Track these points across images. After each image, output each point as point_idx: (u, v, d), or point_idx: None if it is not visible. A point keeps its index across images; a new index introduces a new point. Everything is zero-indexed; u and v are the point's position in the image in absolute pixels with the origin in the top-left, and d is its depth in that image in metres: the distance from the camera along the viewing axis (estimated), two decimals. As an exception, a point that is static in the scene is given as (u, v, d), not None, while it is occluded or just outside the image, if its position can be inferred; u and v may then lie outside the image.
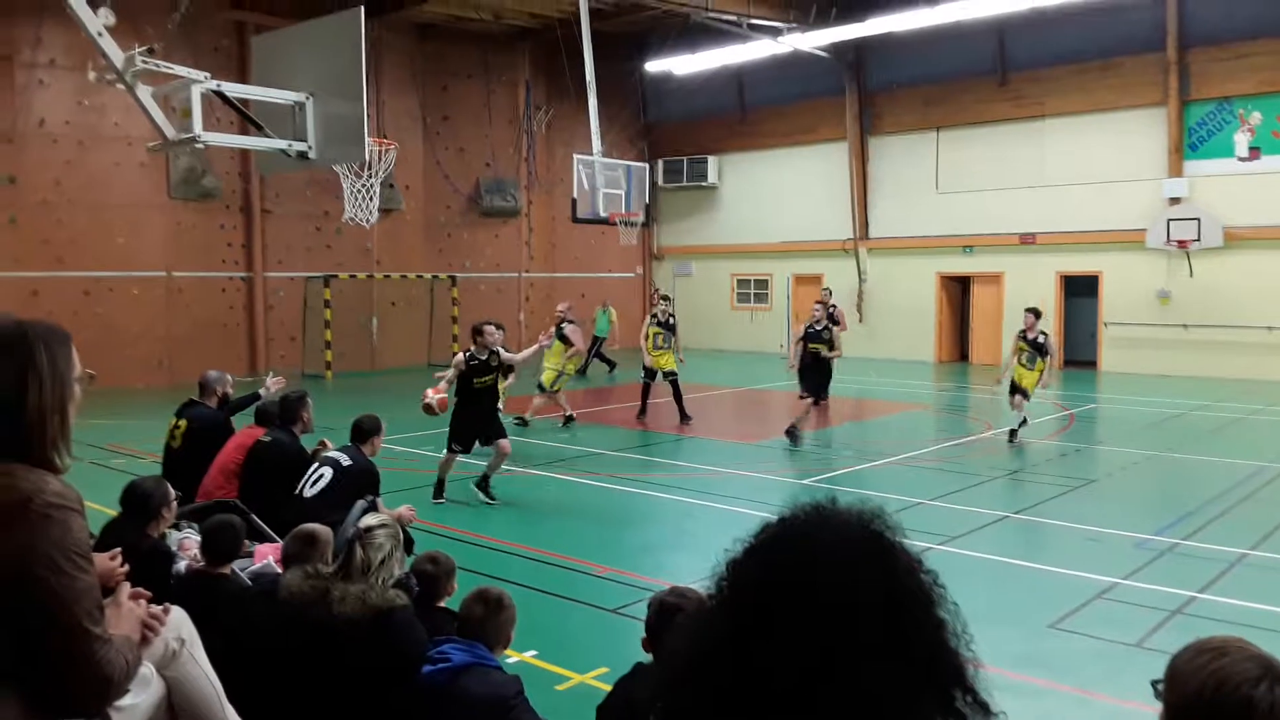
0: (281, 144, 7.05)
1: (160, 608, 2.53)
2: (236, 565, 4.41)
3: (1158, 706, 1.63)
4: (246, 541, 4.53)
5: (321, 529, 4.01)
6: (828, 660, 1.22)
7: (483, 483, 9.54)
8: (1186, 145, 19.76)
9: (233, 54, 19.54)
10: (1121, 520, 8.48)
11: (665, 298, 15.66)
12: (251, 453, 6.29)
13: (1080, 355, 21.57)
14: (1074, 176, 20.98)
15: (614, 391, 18.72)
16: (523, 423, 13.67)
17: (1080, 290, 21.49)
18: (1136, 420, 14.45)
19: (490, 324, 9.62)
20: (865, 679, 1.22)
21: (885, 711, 1.22)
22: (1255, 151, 19.08)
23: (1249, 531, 8.25)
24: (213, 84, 6.79)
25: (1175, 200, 19.66)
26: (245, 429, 6.67)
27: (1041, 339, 12.36)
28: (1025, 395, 12.36)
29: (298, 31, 7.73)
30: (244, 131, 8.31)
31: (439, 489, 9.59)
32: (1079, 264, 21.20)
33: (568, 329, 14.03)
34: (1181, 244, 19.29)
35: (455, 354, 9.88)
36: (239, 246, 20.66)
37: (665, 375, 14.31)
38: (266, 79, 7.38)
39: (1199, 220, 19.11)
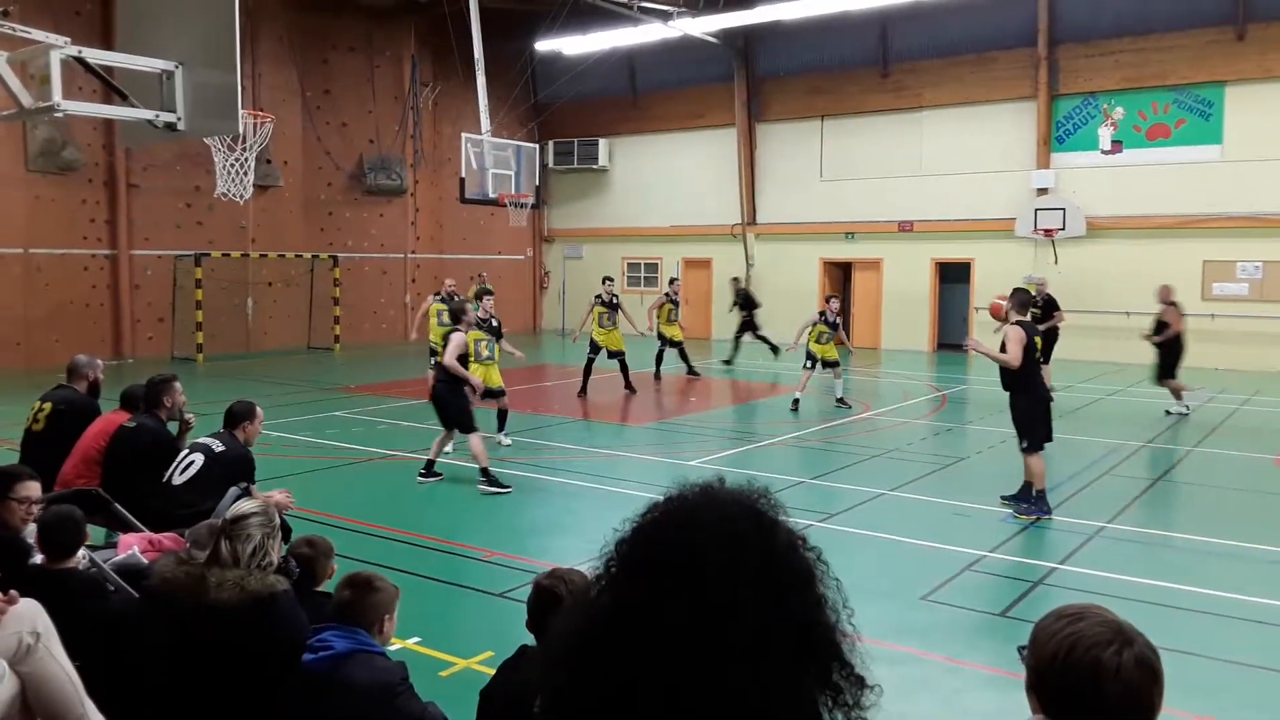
0: (148, 114, 6.68)
1: (4, 594, 2.39)
2: (99, 556, 4.20)
3: (1022, 671, 1.71)
4: (89, 531, 4.28)
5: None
6: (712, 637, 1.24)
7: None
8: (1054, 138, 20.74)
9: (96, 18, 18.44)
10: (989, 496, 8.86)
11: (609, 278, 16.46)
12: (115, 439, 5.98)
13: (953, 339, 22.42)
14: (949, 167, 21.77)
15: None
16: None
17: (953, 276, 22.35)
18: (1003, 401, 15.05)
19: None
20: (748, 655, 1.24)
21: (768, 687, 1.24)
22: (1118, 145, 20.16)
23: (1106, 506, 8.75)
24: (73, 50, 6.38)
25: (1043, 191, 20.62)
26: (108, 414, 6.33)
27: (837, 320, 14.34)
28: (836, 365, 14.18)
29: (166, -4, 7.34)
30: (108, 101, 7.87)
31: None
32: (953, 251, 22.03)
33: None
34: (1048, 233, 20.26)
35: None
36: (103, 222, 19.59)
37: (611, 354, 15.18)
38: (132, 46, 6.98)
39: (1064, 210, 20.10)
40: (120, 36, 7.99)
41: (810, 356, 14.03)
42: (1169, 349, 13.89)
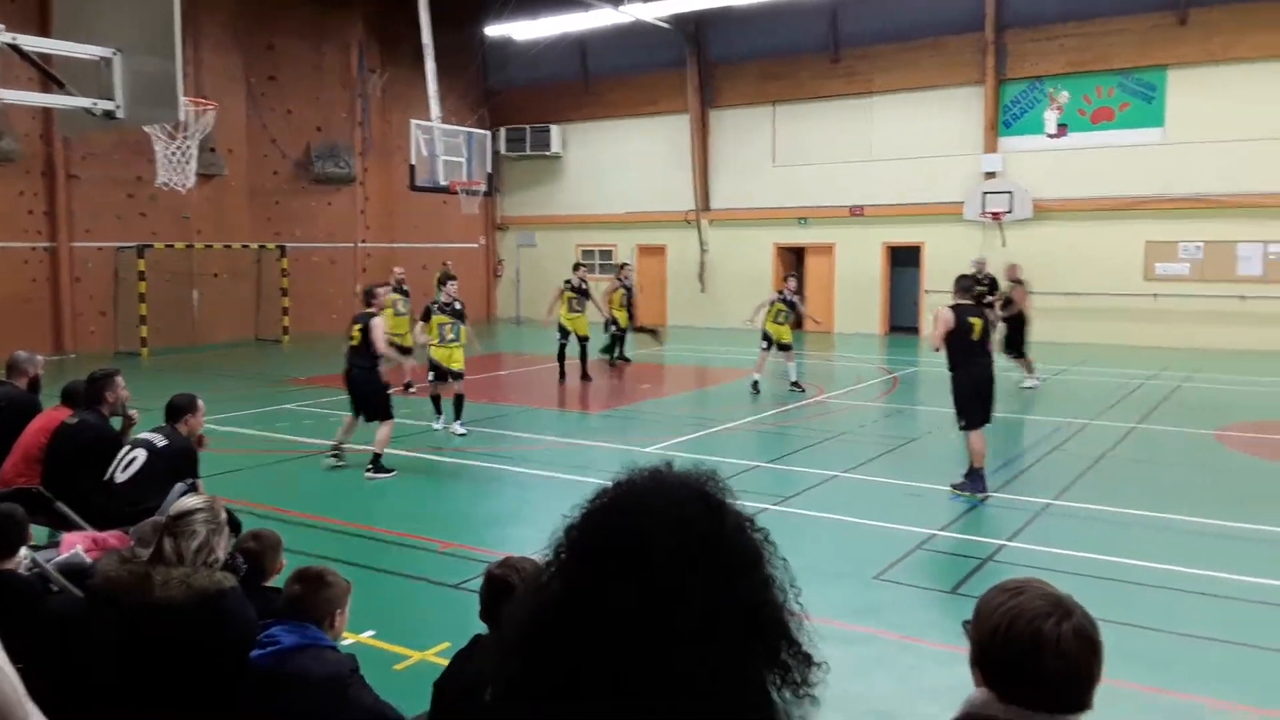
0: (85, 102, 6.50)
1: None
2: (42, 556, 4.10)
3: (968, 646, 1.74)
4: (31, 530, 4.18)
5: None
6: (659, 621, 1.24)
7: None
8: (1001, 122, 21.02)
9: (32, 4, 17.84)
10: (939, 476, 8.98)
11: (580, 265, 16.82)
12: (56, 436, 5.84)
13: (903, 321, 22.71)
14: (899, 151, 21.97)
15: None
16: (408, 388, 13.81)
17: (904, 260, 22.60)
18: (956, 382, 15.33)
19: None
20: (696, 639, 1.24)
21: (716, 670, 1.25)
22: (1063, 129, 20.48)
23: (1051, 484, 8.93)
24: (8, 36, 6.19)
25: (990, 175, 20.91)
26: (49, 410, 6.19)
27: (795, 299, 14.56)
28: (790, 348, 14.22)
29: (102, -19, 7.14)
30: (44, 89, 7.65)
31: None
32: (903, 235, 22.27)
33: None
34: (995, 216, 20.55)
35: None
36: (41, 214, 19.07)
37: (580, 339, 15.45)
38: (70, 32, 6.79)
39: (1011, 193, 20.40)
40: (57, 23, 7.75)
41: (766, 337, 14.14)
42: (1016, 325, 14.74)
